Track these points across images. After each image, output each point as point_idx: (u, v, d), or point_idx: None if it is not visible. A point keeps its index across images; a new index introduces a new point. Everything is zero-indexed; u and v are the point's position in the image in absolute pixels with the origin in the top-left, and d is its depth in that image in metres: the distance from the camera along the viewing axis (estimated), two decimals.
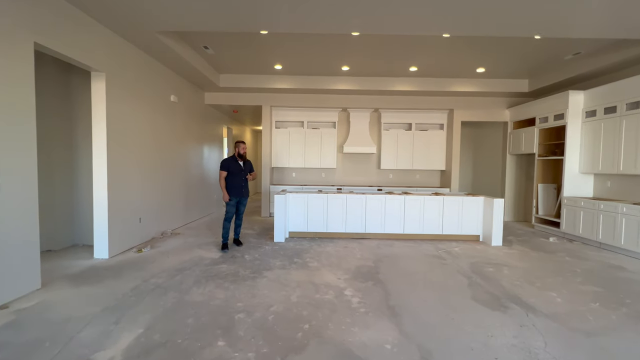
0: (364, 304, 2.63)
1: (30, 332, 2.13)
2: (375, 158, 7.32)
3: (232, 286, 2.96)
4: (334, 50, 4.89)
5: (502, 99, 6.75)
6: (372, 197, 4.95)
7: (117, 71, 3.79)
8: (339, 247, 4.43)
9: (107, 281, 3.04)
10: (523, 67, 5.59)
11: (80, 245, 4.27)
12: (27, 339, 2.03)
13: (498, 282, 3.16)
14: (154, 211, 4.73)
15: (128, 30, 3.66)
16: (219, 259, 3.82)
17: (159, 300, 2.63)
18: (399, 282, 3.14)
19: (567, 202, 5.14)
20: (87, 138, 4.19)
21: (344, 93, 6.61)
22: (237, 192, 4.20)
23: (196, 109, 6.31)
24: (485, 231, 4.86)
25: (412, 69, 5.67)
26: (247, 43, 4.62)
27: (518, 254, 4.23)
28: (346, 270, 3.45)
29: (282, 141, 7.06)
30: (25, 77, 2.65)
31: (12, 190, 2.56)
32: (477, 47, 4.69)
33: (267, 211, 6.94)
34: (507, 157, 6.88)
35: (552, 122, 5.54)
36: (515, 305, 2.63)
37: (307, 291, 2.87)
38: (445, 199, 4.93)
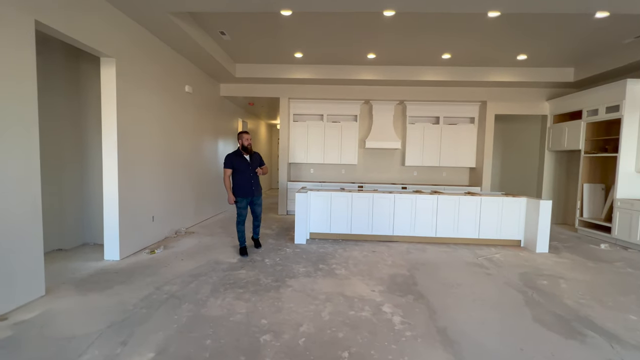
0: (409, 325, 2.24)
1: (27, 353, 1.84)
2: (399, 154, 6.86)
3: (253, 297, 2.62)
4: (361, 36, 4.45)
5: (541, 89, 6.15)
6: (401, 197, 4.52)
7: (128, 57, 3.48)
8: (366, 251, 4.04)
9: (117, 287, 2.75)
10: (570, 54, 5.00)
11: (91, 244, 4.03)
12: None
13: (559, 300, 2.71)
14: (167, 209, 4.45)
15: (139, 10, 3.32)
16: (237, 263, 3.49)
17: (172, 314, 2.32)
18: (442, 296, 2.73)
19: (621, 205, 4.58)
20: (97, 130, 3.91)
21: (367, 84, 6.16)
22: (247, 192, 3.70)
23: (211, 101, 6.00)
24: (527, 236, 4.37)
25: (445, 56, 5.17)
26: (266, 28, 4.24)
27: (570, 263, 3.74)
28: (379, 280, 3.06)
29: (300, 135, 6.68)
30: (26, 61, 2.35)
31: (12, 188, 2.27)
32: (521, 30, 4.16)
33: (284, 209, 6.60)
34: (545, 153, 6.30)
35: (603, 114, 4.95)
36: (592, 332, 2.19)
37: (339, 306, 2.50)
38: (483, 199, 4.46)
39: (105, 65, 3.28)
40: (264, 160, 3.99)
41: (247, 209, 3.82)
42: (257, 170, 3.78)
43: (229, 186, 3.70)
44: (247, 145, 3.76)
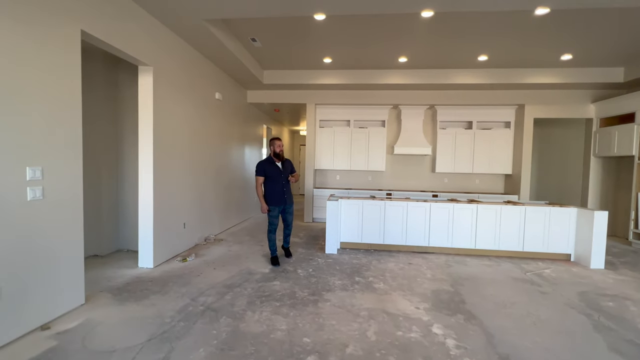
0: (465, 350, 2.03)
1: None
2: (429, 160, 6.60)
3: (292, 312, 2.49)
4: (394, 39, 4.31)
5: (586, 91, 5.75)
6: (436, 206, 4.29)
7: (163, 65, 3.51)
8: (402, 263, 3.84)
9: (153, 298, 2.71)
10: (620, 52, 4.63)
11: (125, 250, 4.07)
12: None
13: (633, 325, 2.41)
14: (197, 216, 4.44)
15: (176, 18, 3.34)
16: (270, 273, 3.39)
17: (211, 328, 2.22)
18: (497, 317, 2.49)
19: None
20: (132, 137, 3.98)
21: (395, 88, 5.99)
22: (279, 200, 3.61)
23: (239, 108, 6.02)
24: (578, 250, 4.01)
25: (481, 58, 4.93)
26: (297, 33, 4.18)
27: (633, 281, 3.37)
28: (422, 296, 2.86)
29: (327, 141, 6.57)
30: (72, 69, 2.38)
31: (56, 196, 2.28)
32: (568, 28, 3.88)
33: (310, 216, 6.49)
34: (591, 159, 5.86)
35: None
36: None
37: (384, 325, 2.33)
38: (528, 209, 4.15)
39: (143, 73, 3.31)
40: (294, 168, 3.90)
41: (279, 217, 3.73)
42: (290, 178, 3.70)
43: (262, 194, 3.61)
44: (279, 151, 3.69)
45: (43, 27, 2.14)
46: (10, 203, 1.97)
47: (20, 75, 2.01)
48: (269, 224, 3.69)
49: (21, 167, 2.04)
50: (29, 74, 2.07)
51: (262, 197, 3.61)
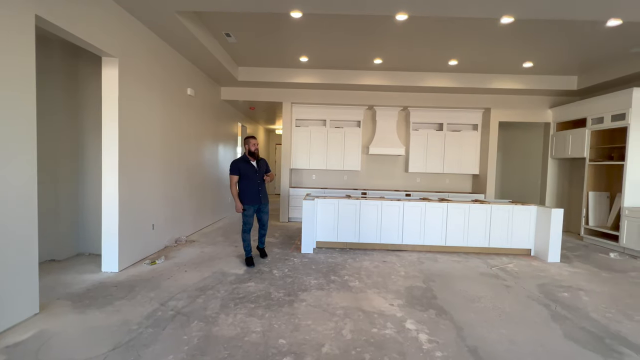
0: (437, 344, 2.10)
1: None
2: (403, 160, 6.78)
3: (267, 313, 2.45)
4: (369, 40, 4.37)
5: (544, 97, 6.18)
6: (410, 205, 4.41)
7: (130, 57, 3.31)
8: (377, 261, 3.90)
9: (118, 304, 2.55)
10: (574, 62, 5.02)
11: (86, 254, 3.80)
12: None
13: (586, 314, 2.62)
14: (167, 216, 4.25)
15: (146, 8, 3.17)
16: (244, 274, 3.31)
17: (181, 334, 2.13)
18: (465, 311, 2.60)
19: (629, 214, 4.56)
20: (94, 133, 3.72)
21: (370, 89, 6.09)
22: (254, 199, 3.56)
23: (212, 105, 5.83)
24: (538, 245, 4.30)
25: (451, 62, 5.13)
26: (273, 30, 4.12)
27: (586, 273, 3.67)
28: (396, 293, 2.92)
29: (303, 141, 6.55)
30: (25, 58, 2.17)
31: (6, 195, 2.07)
32: (529, 38, 4.15)
33: (286, 216, 6.43)
34: (548, 161, 6.30)
35: (608, 123, 4.96)
36: (627, 350, 2.09)
37: (359, 323, 2.35)
38: (493, 207, 4.39)
39: (107, 65, 3.10)
40: (269, 167, 3.85)
41: (254, 217, 3.66)
42: (265, 177, 3.65)
43: (236, 193, 3.53)
44: (254, 150, 3.63)
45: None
46: None
47: None
48: (243, 223, 3.61)
49: None
50: None
51: (237, 196, 3.52)
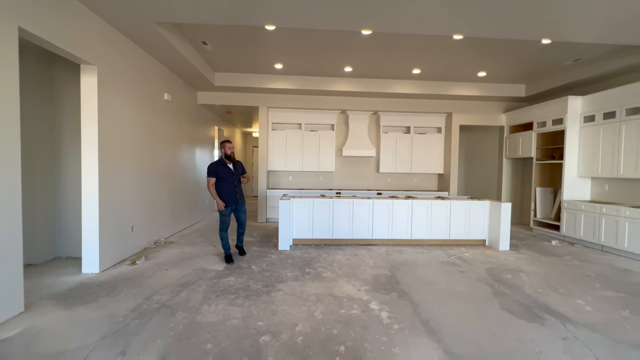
0: (395, 319, 2.44)
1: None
2: (374, 161, 7.20)
3: (246, 302, 2.69)
4: (339, 51, 4.72)
5: (499, 103, 6.83)
6: (378, 202, 4.79)
7: (109, 65, 3.43)
8: (348, 254, 4.23)
9: (102, 300, 2.68)
10: (521, 72, 5.65)
11: (64, 257, 3.83)
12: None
13: (522, 290, 3.08)
14: (146, 218, 4.35)
15: (123, 19, 3.31)
16: (224, 271, 3.52)
17: (167, 322, 2.33)
18: (423, 293, 2.98)
19: (567, 206, 5.21)
20: (70, 138, 3.78)
21: (343, 95, 6.45)
22: (231, 199, 3.79)
23: (188, 109, 5.94)
24: (491, 235, 4.82)
25: (415, 71, 5.60)
26: (248, 39, 4.36)
27: (528, 258, 4.20)
28: (364, 281, 3.26)
29: (279, 144, 6.79)
30: (9, 68, 2.28)
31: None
32: (480, 51, 4.67)
33: (264, 216, 6.64)
34: (503, 160, 6.96)
35: (550, 126, 5.63)
36: (549, 316, 2.54)
37: (330, 306, 2.65)
38: (452, 203, 4.86)
39: (86, 73, 3.21)
40: (245, 169, 4.08)
41: (231, 216, 3.88)
42: (241, 179, 3.88)
43: (216, 194, 3.73)
44: (230, 153, 3.85)
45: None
46: None
47: None
48: (220, 222, 3.81)
49: None
50: None
51: (217, 196, 3.72)
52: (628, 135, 4.52)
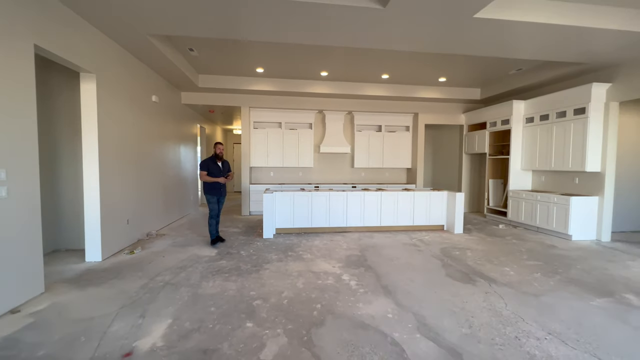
0: (362, 285, 3.06)
1: (59, 330, 2.21)
2: (349, 157, 7.82)
3: (239, 279, 3.20)
4: (315, 58, 5.24)
5: (458, 104, 7.64)
6: (352, 194, 5.41)
7: (105, 72, 3.75)
8: (326, 240, 4.82)
9: (111, 282, 3.10)
10: (476, 78, 6.44)
11: (63, 250, 4.13)
12: (59, 337, 2.13)
13: (465, 262, 3.80)
14: (139, 212, 4.70)
15: (120, 32, 3.65)
16: (216, 256, 3.99)
17: (174, 295, 2.80)
18: (385, 266, 3.62)
19: (512, 195, 6.09)
20: (68, 140, 4.07)
21: (320, 96, 6.99)
22: (217, 192, 4.44)
23: (173, 109, 6.25)
24: (448, 221, 5.58)
25: (384, 76, 6.23)
26: (232, 46, 4.76)
27: (477, 239, 4.98)
28: (338, 260, 3.86)
29: (261, 141, 7.23)
30: (27, 80, 2.63)
31: (17, 195, 2.54)
32: (440, 61, 5.36)
33: (247, 210, 7.09)
34: (463, 156, 7.81)
35: (499, 126, 6.48)
36: (480, 279, 3.25)
37: (309, 279, 3.22)
38: (415, 194, 5.57)
39: (85, 80, 3.53)
40: (231, 168, 4.63)
41: (218, 204, 4.45)
42: (230, 175, 4.49)
43: (211, 179, 4.32)
44: (219, 153, 4.45)
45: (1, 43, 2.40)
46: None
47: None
48: (210, 210, 4.45)
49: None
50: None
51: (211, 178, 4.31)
52: (557, 134, 5.40)
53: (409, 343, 2.09)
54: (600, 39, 3.88)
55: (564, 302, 2.73)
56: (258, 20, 3.41)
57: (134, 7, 3.13)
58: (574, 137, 5.10)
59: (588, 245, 4.65)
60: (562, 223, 5.05)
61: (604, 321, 2.41)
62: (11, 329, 2.22)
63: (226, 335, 2.16)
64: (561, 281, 3.23)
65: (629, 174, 5.56)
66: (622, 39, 3.86)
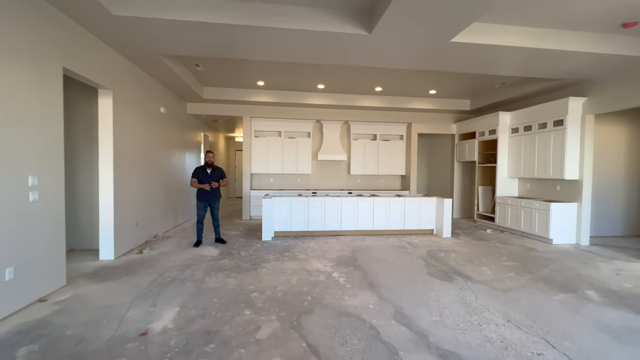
0: (349, 282, 3.39)
1: (82, 315, 2.55)
2: (346, 165, 8.18)
3: (239, 276, 3.54)
4: (313, 72, 5.64)
5: (450, 115, 8.01)
6: (346, 200, 5.75)
7: (120, 88, 4.15)
8: (320, 242, 5.15)
9: (125, 277, 3.44)
10: (465, 91, 6.82)
11: (78, 249, 4.49)
12: (84, 320, 2.47)
13: (447, 263, 4.12)
14: (147, 215, 5.06)
15: (136, 53, 4.07)
16: (218, 256, 4.33)
17: (180, 288, 3.14)
18: (373, 266, 3.95)
19: (499, 201, 6.41)
20: (84, 147, 4.45)
21: (318, 107, 7.39)
22: (204, 197, 4.79)
23: (179, 118, 6.65)
24: (438, 225, 5.91)
25: (377, 89, 6.62)
26: (234, 63, 5.17)
27: (463, 242, 5.30)
28: (330, 260, 4.19)
29: (261, 149, 7.62)
30: (56, 99, 3.02)
31: (46, 198, 2.91)
32: (430, 75, 5.74)
33: (248, 214, 7.44)
34: (454, 164, 8.16)
35: (487, 136, 6.84)
36: (458, 277, 3.57)
37: (302, 276, 3.56)
38: (406, 199, 5.91)
39: (103, 95, 3.93)
40: (225, 174, 5.03)
41: (206, 211, 4.85)
42: (213, 184, 4.77)
43: (198, 186, 4.75)
44: (207, 161, 4.86)
45: (35, 67, 2.79)
46: (18, 203, 2.61)
47: (21, 108, 2.65)
48: (197, 215, 4.84)
49: (25, 176, 2.67)
50: (27, 107, 2.71)
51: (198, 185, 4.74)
52: (539, 144, 5.75)
53: (385, 327, 2.41)
54: (572, 59, 4.25)
55: (529, 297, 3.05)
56: (257, 43, 3.81)
57: (150, 32, 3.53)
58: (554, 147, 5.45)
59: (567, 249, 4.96)
60: (543, 228, 5.36)
61: (559, 312, 2.73)
62: (42, 313, 2.56)
63: (227, 320, 2.49)
64: (532, 279, 3.54)
65: (609, 181, 5.89)
66: (591, 59, 4.23)
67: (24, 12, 2.67)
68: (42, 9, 2.84)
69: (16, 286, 2.60)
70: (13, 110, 2.58)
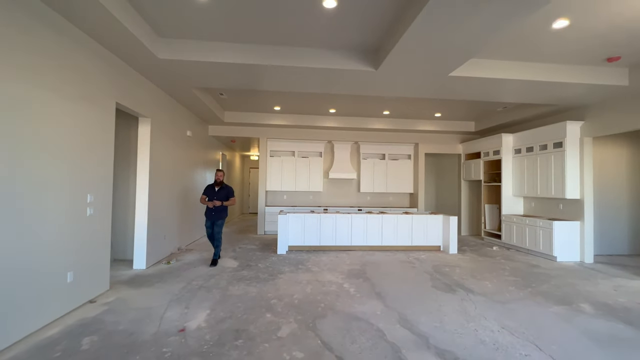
0: (359, 291, 3.71)
1: (128, 314, 2.97)
2: (355, 183, 8.58)
3: (258, 284, 3.91)
4: (324, 98, 6.16)
5: (456, 135, 8.38)
6: (356, 216, 6.11)
7: (156, 116, 4.74)
8: (332, 257, 5.49)
9: (158, 284, 3.86)
10: (469, 114, 7.21)
11: (112, 260, 4.95)
12: (130, 318, 2.88)
13: (451, 277, 4.38)
14: (172, 229, 5.54)
15: (171, 86, 4.68)
16: (238, 267, 4.72)
17: (208, 295, 3.53)
18: (381, 279, 4.25)
19: (505, 219, 6.63)
20: (121, 168, 5.01)
21: (329, 129, 7.89)
22: (208, 214, 4.85)
23: (202, 140, 7.25)
24: (444, 242, 6.16)
25: (385, 112, 7.09)
26: (254, 91, 5.74)
27: (469, 259, 5.54)
28: (341, 272, 4.51)
29: (276, 168, 8.12)
30: (109, 129, 3.58)
31: (98, 213, 3.41)
32: (434, 100, 6.18)
33: (262, 229, 7.85)
34: (461, 182, 8.44)
35: (492, 156, 7.15)
36: (460, 289, 3.84)
37: (316, 286, 3.90)
38: (414, 217, 6.22)
39: (142, 123, 4.51)
40: (233, 193, 4.99)
41: (211, 228, 4.90)
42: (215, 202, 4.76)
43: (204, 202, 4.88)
44: (216, 179, 4.95)
45: (97, 105, 3.36)
46: (79, 217, 3.10)
47: (87, 139, 3.21)
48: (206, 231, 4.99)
49: (84, 194, 3.19)
50: (91, 138, 3.26)
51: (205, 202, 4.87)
52: (541, 164, 6.02)
53: (390, 330, 2.73)
54: (564, 89, 4.62)
55: (526, 308, 3.30)
56: (277, 78, 4.35)
57: (187, 71, 4.12)
58: (555, 167, 5.72)
59: (570, 266, 5.13)
60: (547, 245, 5.55)
61: (552, 322, 2.98)
62: (95, 312, 2.99)
63: (251, 321, 2.86)
64: (531, 293, 3.78)
65: (613, 201, 6.06)
66: (581, 89, 4.59)
67: (97, 60, 3.26)
68: (107, 59, 3.45)
69: (74, 288, 3.05)
70: (84, 141, 3.13)
